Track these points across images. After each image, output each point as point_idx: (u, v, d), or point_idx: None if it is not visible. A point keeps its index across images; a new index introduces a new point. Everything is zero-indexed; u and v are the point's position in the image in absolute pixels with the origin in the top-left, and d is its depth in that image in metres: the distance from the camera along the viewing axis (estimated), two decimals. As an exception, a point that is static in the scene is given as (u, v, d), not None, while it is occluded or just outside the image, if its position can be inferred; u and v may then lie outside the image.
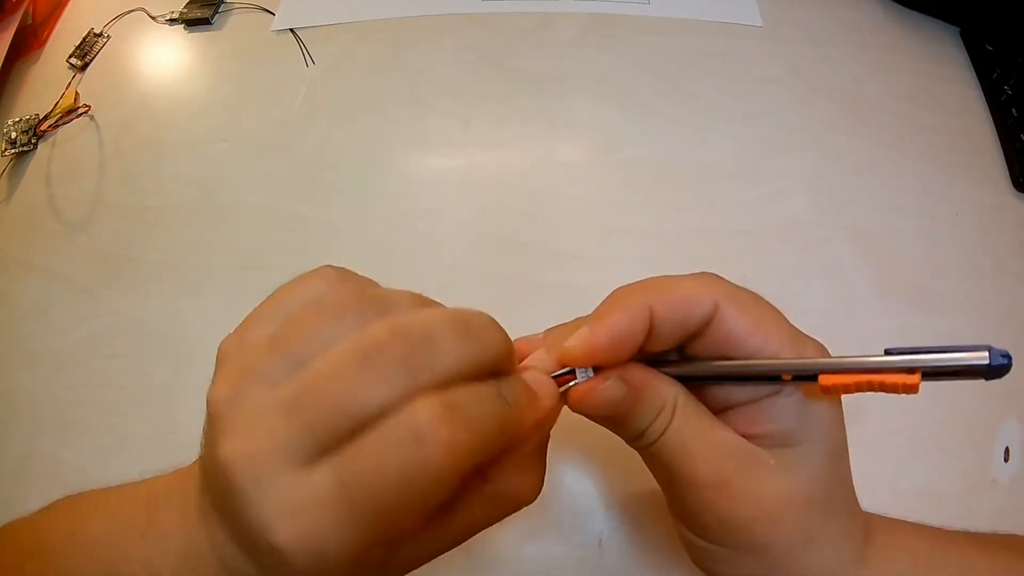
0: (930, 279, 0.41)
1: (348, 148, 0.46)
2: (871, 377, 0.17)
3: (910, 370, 0.17)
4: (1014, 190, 0.44)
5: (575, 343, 0.19)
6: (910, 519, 0.23)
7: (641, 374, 0.20)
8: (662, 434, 0.20)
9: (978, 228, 0.43)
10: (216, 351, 0.19)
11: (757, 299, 0.20)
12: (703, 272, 0.21)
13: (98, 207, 0.44)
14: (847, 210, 0.43)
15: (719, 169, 0.45)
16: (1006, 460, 0.35)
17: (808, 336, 0.20)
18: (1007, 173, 0.45)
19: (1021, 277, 0.41)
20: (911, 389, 0.17)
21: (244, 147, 0.46)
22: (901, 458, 0.35)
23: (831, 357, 0.19)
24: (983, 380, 0.17)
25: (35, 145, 0.47)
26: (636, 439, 0.21)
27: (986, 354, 0.16)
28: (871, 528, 0.22)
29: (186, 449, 0.21)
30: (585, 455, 0.35)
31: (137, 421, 0.37)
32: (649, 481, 0.24)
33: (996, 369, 0.16)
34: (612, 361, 0.20)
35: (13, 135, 0.47)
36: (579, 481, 0.35)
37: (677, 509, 0.22)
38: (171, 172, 0.46)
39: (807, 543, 0.20)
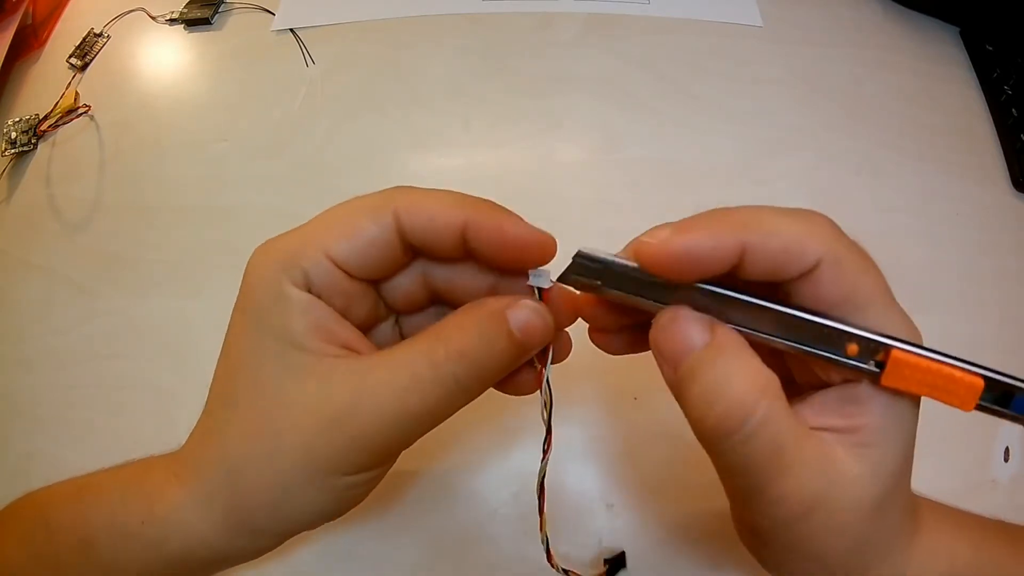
0: (930, 279, 0.41)
1: (348, 148, 0.46)
2: (943, 368, 0.17)
3: (975, 374, 0.17)
4: (1014, 190, 0.44)
5: (649, 239, 0.18)
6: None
7: (738, 337, 0.18)
8: (749, 426, 0.17)
9: (978, 228, 0.43)
10: (216, 350, 0.20)
11: (862, 266, 0.18)
12: (816, 215, 0.18)
13: (98, 207, 0.44)
14: (847, 210, 0.43)
15: (719, 169, 0.45)
16: (1006, 460, 0.35)
17: (907, 320, 0.18)
18: (1007, 173, 0.45)
19: (1021, 277, 0.41)
20: (969, 397, 0.17)
21: (244, 147, 0.46)
22: (901, 458, 0.35)
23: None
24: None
25: (35, 145, 0.47)
26: (719, 427, 0.17)
27: None
28: (919, 524, 0.21)
29: (186, 449, 0.21)
30: (585, 455, 0.35)
31: (137, 421, 0.37)
32: (649, 482, 0.24)
33: None
34: (672, 276, 0.18)
35: (13, 135, 0.47)
36: (579, 481, 0.34)
37: (747, 517, 0.20)
38: (171, 172, 0.46)
39: (864, 545, 0.19)
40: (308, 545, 0.33)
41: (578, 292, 0.20)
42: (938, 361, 0.17)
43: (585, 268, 0.19)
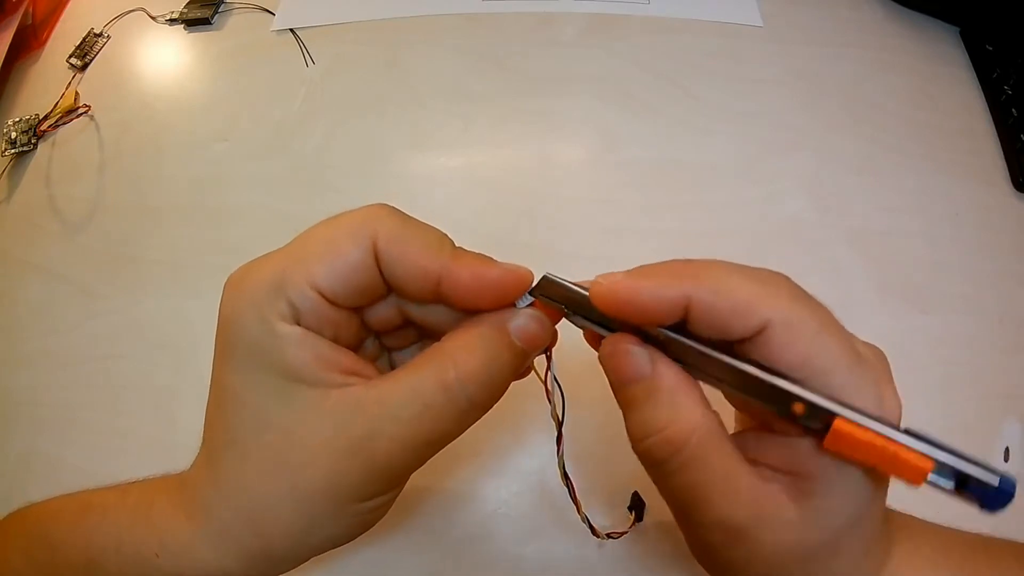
0: (930, 279, 0.41)
1: (348, 148, 0.46)
2: (888, 444, 0.16)
3: (925, 456, 0.16)
4: (1014, 190, 0.44)
5: (602, 281, 0.19)
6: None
7: (677, 378, 0.19)
8: (674, 464, 0.18)
9: (978, 228, 0.43)
10: None
11: (820, 329, 0.17)
12: (774, 274, 0.18)
13: (98, 207, 0.44)
14: (847, 210, 0.43)
15: (719, 169, 0.45)
16: (1006, 460, 0.35)
17: (874, 385, 0.17)
18: (1007, 173, 0.45)
19: (1021, 278, 0.41)
20: (916, 476, 0.16)
21: (244, 147, 0.46)
22: (901, 458, 0.35)
23: (859, 412, 0.17)
24: (979, 508, 0.17)
25: (35, 145, 0.47)
26: (648, 457, 0.19)
27: (997, 478, 0.16)
28: (889, 555, 0.20)
29: (186, 449, 0.21)
30: (586, 455, 0.35)
31: (137, 421, 0.37)
32: (649, 479, 0.23)
33: (1001, 494, 0.16)
34: (619, 318, 0.19)
35: (13, 135, 0.47)
36: (579, 481, 0.34)
37: (685, 533, 0.21)
38: (171, 172, 0.46)
39: None
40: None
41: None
42: (884, 436, 0.16)
43: (550, 290, 0.20)
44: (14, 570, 0.22)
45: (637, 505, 0.33)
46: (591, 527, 0.24)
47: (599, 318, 0.19)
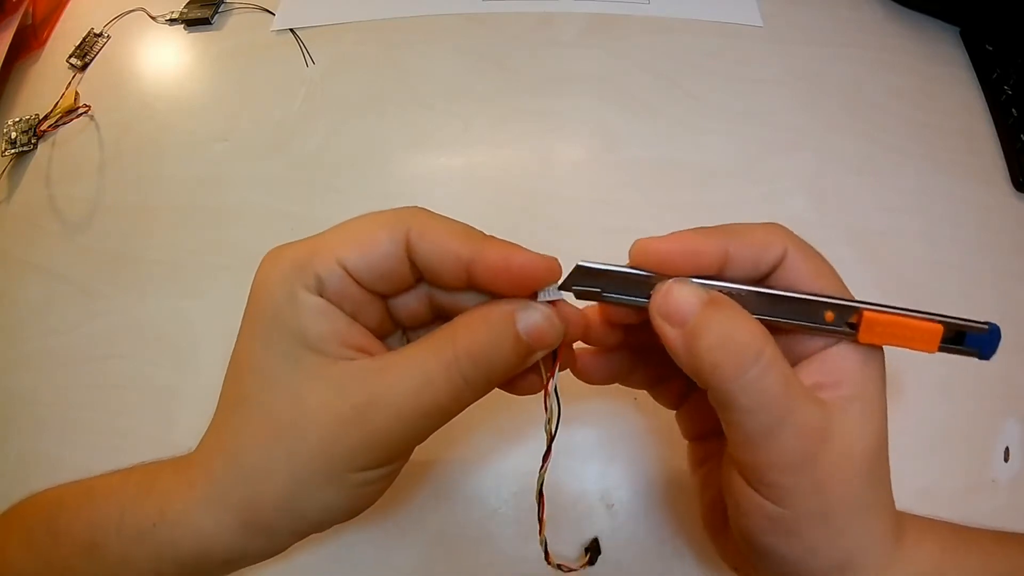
0: (930, 279, 0.41)
1: (348, 148, 0.46)
2: (908, 320, 0.19)
3: (935, 322, 0.20)
4: (1014, 190, 0.44)
5: (645, 239, 0.20)
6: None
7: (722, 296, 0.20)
8: (763, 360, 0.18)
9: (978, 228, 0.43)
10: (216, 350, 0.21)
11: (818, 252, 0.21)
12: (772, 222, 0.22)
13: (98, 207, 0.44)
14: (847, 210, 0.43)
15: (719, 169, 0.45)
16: (1006, 460, 0.35)
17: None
18: (1007, 173, 0.45)
19: (1021, 277, 0.41)
20: (932, 341, 0.20)
21: (244, 147, 0.46)
22: (901, 458, 0.35)
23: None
24: (978, 358, 0.20)
25: (35, 145, 0.47)
26: (736, 367, 0.18)
27: (987, 324, 0.20)
28: (901, 517, 0.22)
29: (186, 449, 0.21)
30: (586, 455, 0.35)
31: (137, 421, 0.37)
32: (649, 482, 0.23)
33: (992, 336, 0.20)
34: (665, 267, 0.20)
35: (13, 135, 0.47)
36: (579, 481, 0.35)
37: (756, 464, 0.20)
38: (171, 172, 0.46)
39: (865, 509, 0.20)
40: (308, 546, 0.33)
41: (579, 301, 0.21)
42: (903, 315, 0.20)
43: (585, 277, 0.20)
44: (13, 562, 0.22)
45: (594, 549, 0.33)
46: (546, 552, 0.24)
47: (635, 291, 0.20)
